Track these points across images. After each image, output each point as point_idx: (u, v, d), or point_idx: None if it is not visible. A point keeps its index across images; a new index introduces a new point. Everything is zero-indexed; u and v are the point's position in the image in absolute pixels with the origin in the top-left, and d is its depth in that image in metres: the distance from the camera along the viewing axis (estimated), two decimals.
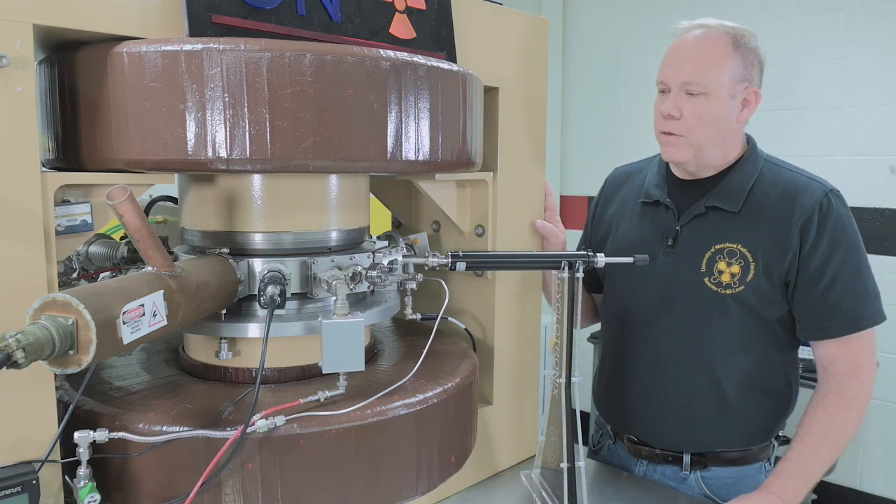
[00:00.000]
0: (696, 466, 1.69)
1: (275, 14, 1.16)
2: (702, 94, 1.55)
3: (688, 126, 1.57)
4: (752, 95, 1.59)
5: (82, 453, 1.03)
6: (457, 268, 1.37)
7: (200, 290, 1.09)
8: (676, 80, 1.58)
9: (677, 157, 1.62)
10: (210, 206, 1.27)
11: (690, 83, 1.55)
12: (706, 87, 1.54)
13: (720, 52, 1.56)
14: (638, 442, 1.76)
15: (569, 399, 1.41)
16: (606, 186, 1.94)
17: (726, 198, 1.62)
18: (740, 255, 1.59)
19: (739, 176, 1.63)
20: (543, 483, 1.55)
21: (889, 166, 3.62)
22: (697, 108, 1.55)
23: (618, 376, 1.79)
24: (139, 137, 1.07)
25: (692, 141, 1.58)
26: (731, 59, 1.55)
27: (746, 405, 1.65)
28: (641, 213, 1.76)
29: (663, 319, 1.68)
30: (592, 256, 1.40)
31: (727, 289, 1.59)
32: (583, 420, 1.39)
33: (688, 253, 1.64)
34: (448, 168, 1.33)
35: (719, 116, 1.57)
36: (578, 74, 4.89)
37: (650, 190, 1.75)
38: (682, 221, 1.66)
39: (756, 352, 1.64)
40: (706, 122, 1.56)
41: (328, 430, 1.12)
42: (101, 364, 1.35)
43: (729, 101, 1.56)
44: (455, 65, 1.30)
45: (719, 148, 1.62)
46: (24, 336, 0.79)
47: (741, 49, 1.56)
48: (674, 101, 1.58)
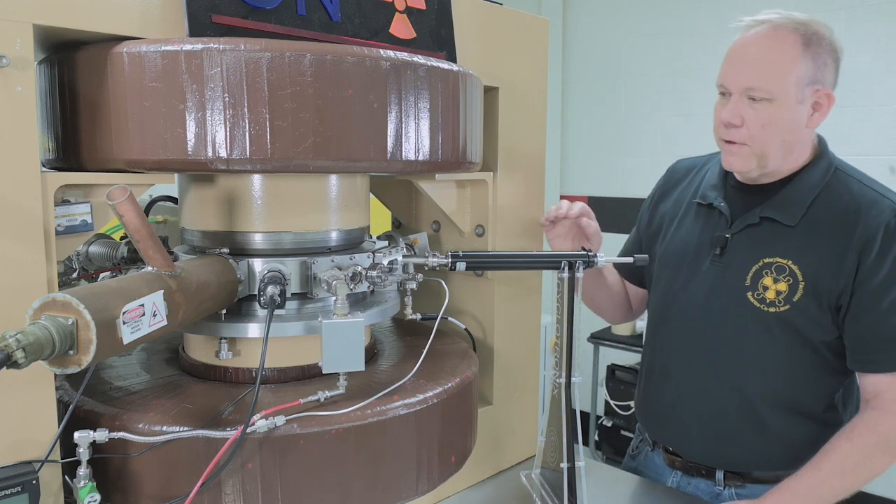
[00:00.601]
0: (730, 482, 1.61)
1: (275, 14, 1.16)
2: (766, 101, 1.42)
3: (751, 134, 1.44)
4: (824, 98, 1.45)
5: (82, 453, 1.03)
6: (457, 268, 1.37)
7: (200, 290, 1.09)
8: (738, 84, 1.44)
9: (739, 166, 1.50)
10: (210, 206, 1.27)
11: (753, 89, 1.42)
12: (771, 92, 1.41)
13: (787, 54, 1.41)
14: (672, 452, 1.70)
15: (569, 399, 1.41)
16: (666, 179, 1.82)
17: (784, 209, 1.50)
18: (790, 271, 1.47)
19: (802, 186, 1.50)
20: (543, 483, 1.55)
21: (889, 166, 3.62)
22: (761, 115, 1.42)
23: (654, 382, 1.73)
24: (139, 137, 1.07)
25: (755, 149, 1.46)
26: (800, 60, 1.40)
27: (786, 428, 1.55)
28: (695, 214, 1.66)
29: (701, 329, 1.59)
30: (593, 256, 1.39)
31: (771, 306, 1.48)
32: (583, 420, 1.38)
33: (734, 264, 1.54)
34: (448, 168, 1.33)
35: (786, 124, 1.43)
36: (578, 74, 4.89)
37: (706, 191, 1.64)
38: (733, 229, 1.55)
39: (798, 375, 1.52)
40: (771, 130, 1.43)
41: (328, 430, 1.12)
42: (101, 364, 1.35)
43: (797, 107, 1.43)
44: (455, 65, 1.30)
45: (785, 156, 1.49)
46: (24, 336, 0.79)
47: (812, 47, 1.41)
48: (735, 107, 1.45)
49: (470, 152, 1.36)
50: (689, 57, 4.42)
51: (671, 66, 4.50)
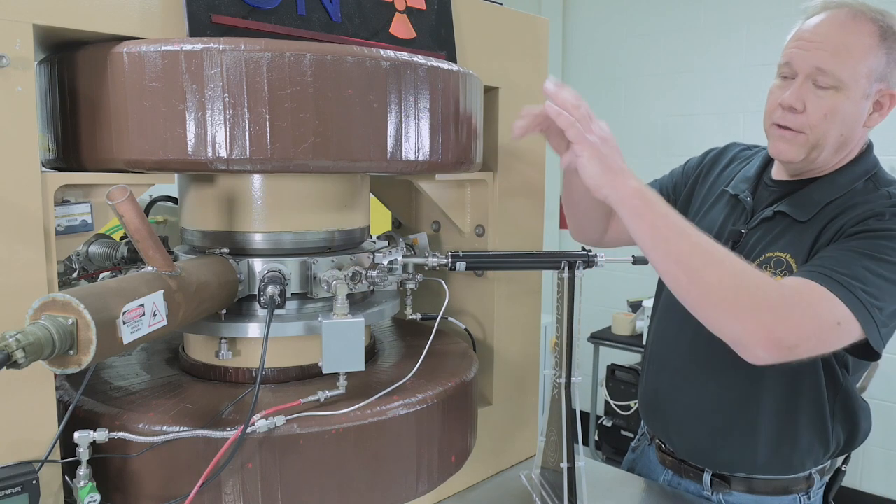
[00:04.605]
0: (717, 488, 1.58)
1: (275, 14, 1.16)
2: (833, 89, 1.33)
3: (810, 123, 1.36)
4: (888, 99, 1.37)
5: (82, 453, 1.03)
6: (457, 268, 1.37)
7: (200, 290, 1.09)
8: (807, 65, 1.34)
9: (789, 154, 1.41)
10: (210, 206, 1.27)
11: (824, 71, 1.32)
12: (840, 80, 1.32)
13: (864, 41, 1.32)
14: (664, 450, 1.68)
15: (569, 399, 1.41)
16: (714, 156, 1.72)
17: (799, 205, 1.43)
18: (787, 265, 1.41)
19: (828, 187, 1.43)
20: (543, 483, 1.55)
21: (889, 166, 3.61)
22: (825, 103, 1.34)
23: (652, 372, 1.72)
24: (139, 137, 1.07)
25: (812, 139, 1.37)
26: (875, 51, 1.32)
27: (775, 431, 1.50)
28: (725, 204, 1.60)
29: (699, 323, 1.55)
30: (593, 256, 1.39)
31: None
32: (583, 420, 1.38)
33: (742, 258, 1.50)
34: (448, 168, 1.33)
35: (847, 117, 1.35)
36: (578, 74, 4.89)
37: (739, 182, 1.58)
38: (751, 224, 1.50)
39: (791, 378, 1.48)
40: (832, 121, 1.35)
41: (328, 430, 1.12)
42: (101, 364, 1.35)
43: (861, 101, 1.35)
44: (455, 65, 1.30)
45: (837, 153, 1.41)
46: (24, 336, 0.79)
47: (888, 42, 1.33)
48: (799, 91, 1.35)
49: (470, 152, 1.36)
50: (689, 57, 4.42)
51: (671, 65, 4.50)
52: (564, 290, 1.38)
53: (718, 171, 1.69)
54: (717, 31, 4.30)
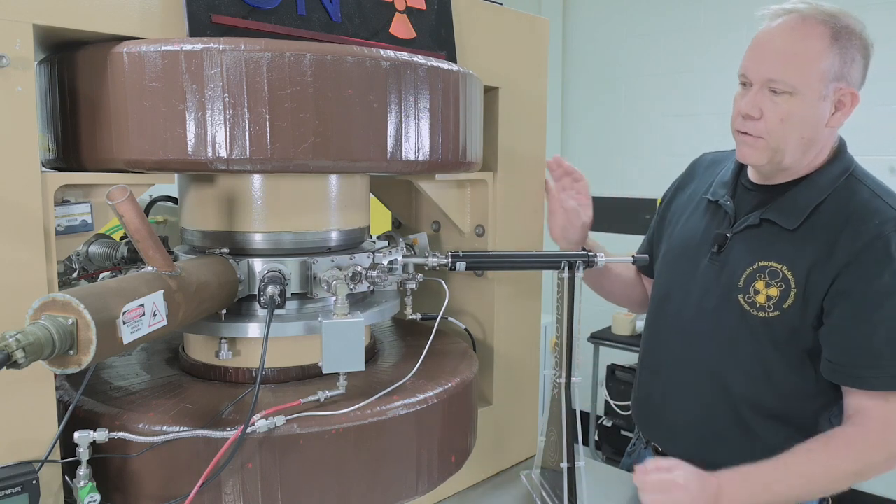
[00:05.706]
0: None
1: (275, 14, 1.16)
2: (787, 94, 1.37)
3: (768, 128, 1.40)
4: (848, 97, 1.39)
5: (82, 453, 1.03)
6: (457, 268, 1.37)
7: (200, 290, 1.09)
8: (759, 75, 1.39)
9: (753, 159, 1.46)
10: (210, 206, 1.27)
11: (775, 81, 1.37)
12: (792, 86, 1.36)
13: (814, 46, 1.35)
14: (660, 452, 1.67)
15: (569, 399, 1.41)
16: (687, 171, 1.79)
17: (786, 212, 1.45)
18: (783, 277, 1.42)
19: (810, 189, 1.45)
20: (543, 483, 1.55)
21: (889, 166, 3.62)
22: (781, 108, 1.38)
23: (646, 378, 1.72)
24: (139, 137, 1.07)
25: (771, 143, 1.41)
26: (827, 54, 1.35)
27: (771, 436, 1.48)
28: (704, 210, 1.63)
29: (691, 328, 1.56)
30: (593, 256, 1.40)
31: (760, 311, 1.44)
32: (583, 420, 1.38)
33: (730, 264, 1.50)
34: (448, 168, 1.33)
35: (805, 119, 1.38)
36: (578, 74, 4.89)
37: (717, 188, 1.62)
38: (735, 229, 1.52)
39: (785, 383, 1.47)
40: (790, 125, 1.38)
41: (328, 430, 1.12)
42: (101, 364, 1.35)
43: (818, 103, 1.37)
44: (455, 65, 1.30)
45: (802, 154, 1.44)
46: (24, 336, 0.79)
47: (840, 42, 1.36)
48: (755, 98, 1.40)
49: (470, 152, 1.36)
50: (689, 57, 4.42)
51: (671, 65, 4.50)
52: (564, 290, 1.39)
53: (696, 181, 1.73)
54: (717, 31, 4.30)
